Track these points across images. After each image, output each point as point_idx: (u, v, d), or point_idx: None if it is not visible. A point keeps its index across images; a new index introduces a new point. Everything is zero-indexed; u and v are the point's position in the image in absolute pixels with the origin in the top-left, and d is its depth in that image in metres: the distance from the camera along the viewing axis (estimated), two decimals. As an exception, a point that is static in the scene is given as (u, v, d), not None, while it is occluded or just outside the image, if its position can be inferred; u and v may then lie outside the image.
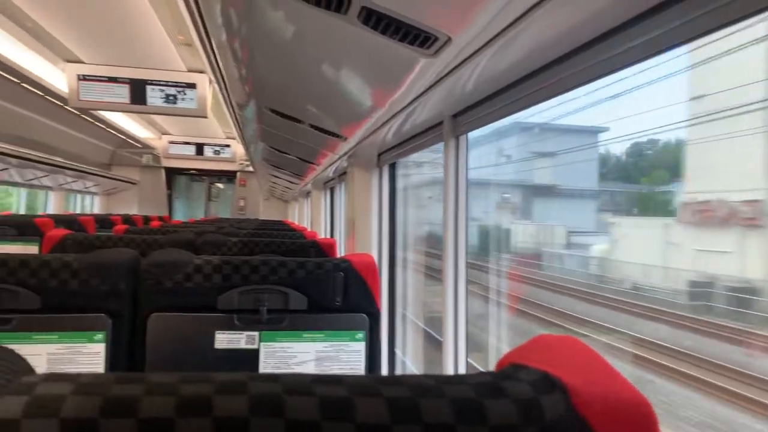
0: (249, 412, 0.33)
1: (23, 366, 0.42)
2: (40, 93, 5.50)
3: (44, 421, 0.32)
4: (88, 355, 1.19)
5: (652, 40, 0.96)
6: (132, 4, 3.66)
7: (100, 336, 1.21)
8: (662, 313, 6.95)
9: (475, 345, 6.88)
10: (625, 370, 5.72)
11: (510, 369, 0.40)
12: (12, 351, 0.43)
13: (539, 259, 11.77)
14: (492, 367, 0.43)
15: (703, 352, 5.64)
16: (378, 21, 1.18)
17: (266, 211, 12.51)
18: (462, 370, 2.00)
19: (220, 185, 13.84)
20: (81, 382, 0.35)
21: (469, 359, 2.06)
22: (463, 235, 2.00)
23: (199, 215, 13.09)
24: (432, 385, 0.37)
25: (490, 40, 1.17)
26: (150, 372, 1.18)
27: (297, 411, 0.34)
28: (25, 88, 5.25)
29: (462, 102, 1.81)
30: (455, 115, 1.94)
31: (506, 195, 13.16)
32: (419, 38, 1.19)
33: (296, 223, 7.41)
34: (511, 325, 8.11)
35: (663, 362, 5.66)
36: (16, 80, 4.95)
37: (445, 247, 2.01)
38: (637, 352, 6.06)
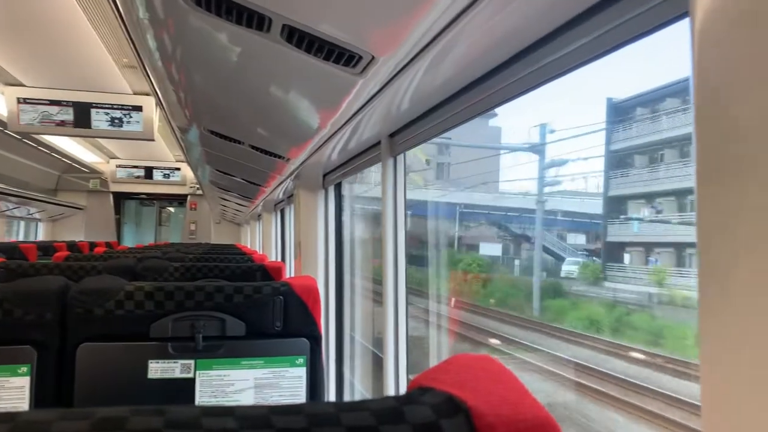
0: None
1: None
2: (-24, 117, 5.28)
3: None
4: (11, 390, 1.13)
5: (584, 46, 0.95)
6: (74, 27, 3.54)
7: (24, 369, 1.14)
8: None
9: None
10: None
11: (416, 392, 0.38)
12: None
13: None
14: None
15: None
16: (300, 40, 1.16)
17: (218, 235, 12.29)
18: (403, 388, 1.97)
19: (171, 209, 13.57)
20: (21, 420, 0.31)
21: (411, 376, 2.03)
22: (403, 255, 1.98)
23: (150, 240, 12.77)
24: (330, 413, 0.35)
25: (415, 57, 1.15)
26: (79, 406, 1.09)
27: None
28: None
29: (398, 121, 1.80)
30: (392, 135, 1.93)
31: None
32: (343, 57, 1.16)
33: (248, 246, 7.29)
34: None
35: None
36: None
37: (385, 268, 1.98)
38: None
